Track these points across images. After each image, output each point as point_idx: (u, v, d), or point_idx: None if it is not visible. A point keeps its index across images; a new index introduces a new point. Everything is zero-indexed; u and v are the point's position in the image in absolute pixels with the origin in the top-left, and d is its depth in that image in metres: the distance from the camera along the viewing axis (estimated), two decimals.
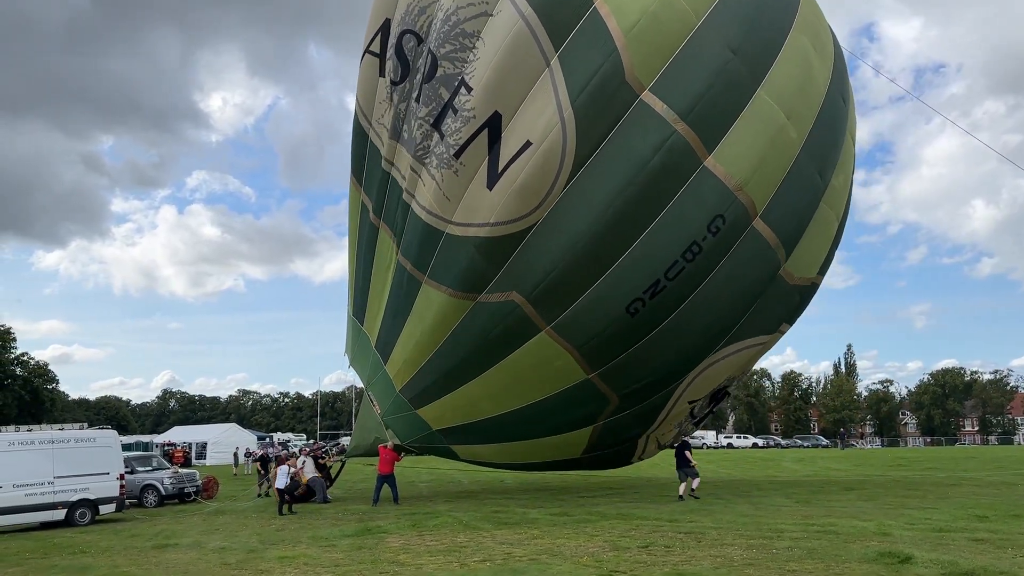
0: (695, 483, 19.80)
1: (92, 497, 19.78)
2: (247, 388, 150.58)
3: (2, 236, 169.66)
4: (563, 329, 16.54)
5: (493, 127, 16.04)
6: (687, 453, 20.16)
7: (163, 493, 24.75)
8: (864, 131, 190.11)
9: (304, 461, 22.91)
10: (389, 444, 20.92)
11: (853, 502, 18.63)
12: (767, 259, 16.74)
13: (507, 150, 15.94)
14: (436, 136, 17.05)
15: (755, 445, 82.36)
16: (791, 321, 19.43)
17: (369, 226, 20.38)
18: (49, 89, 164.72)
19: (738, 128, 15.58)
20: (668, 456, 21.86)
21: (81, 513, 19.55)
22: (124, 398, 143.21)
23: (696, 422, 20.98)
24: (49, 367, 72.13)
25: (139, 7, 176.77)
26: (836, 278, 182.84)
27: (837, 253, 20.20)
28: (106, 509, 20.15)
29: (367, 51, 19.77)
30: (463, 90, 16.41)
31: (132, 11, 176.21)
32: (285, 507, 19.64)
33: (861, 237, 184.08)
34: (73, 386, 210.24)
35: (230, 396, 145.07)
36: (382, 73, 19.28)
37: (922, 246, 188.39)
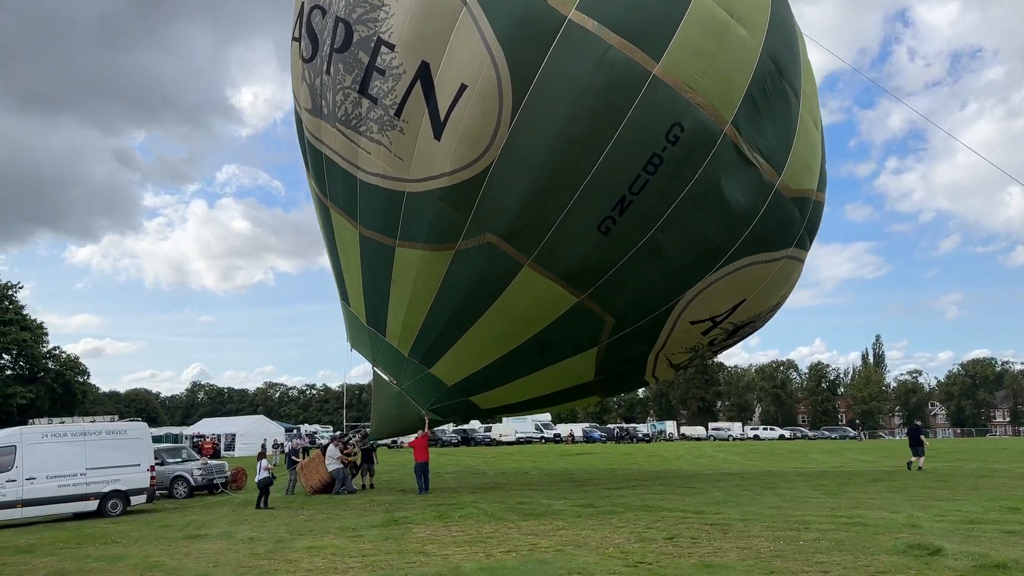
0: (921, 461, 25.57)
1: (123, 488, 20.09)
2: (275, 380, 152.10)
3: (36, 231, 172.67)
4: (543, 260, 16.62)
5: (424, 78, 15.94)
6: (921, 436, 27.10)
7: (193, 484, 25.01)
8: (897, 118, 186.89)
9: (331, 450, 23.09)
10: (420, 430, 21.24)
11: (881, 493, 18.47)
12: (750, 171, 16.25)
13: (443, 97, 15.84)
14: (367, 102, 16.87)
15: (782, 437, 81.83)
16: (797, 242, 18.63)
17: (323, 208, 20.45)
18: (83, 85, 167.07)
19: (683, 33, 15.14)
20: (694, 448, 21.89)
21: (113, 504, 19.87)
22: (154, 391, 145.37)
23: (716, 350, 20.81)
24: (80, 360, 73.24)
25: (172, 2, 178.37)
26: (866, 268, 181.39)
27: (866, 242, 19.87)
28: (137, 500, 20.45)
29: (293, 39, 19.72)
30: (384, 49, 16.29)
31: (165, 6, 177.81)
32: (261, 501, 19.62)
33: (892, 226, 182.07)
34: (105, 379, 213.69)
35: (258, 388, 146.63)
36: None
37: (955, 235, 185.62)
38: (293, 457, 25.49)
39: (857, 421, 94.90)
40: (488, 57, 15.29)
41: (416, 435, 21.56)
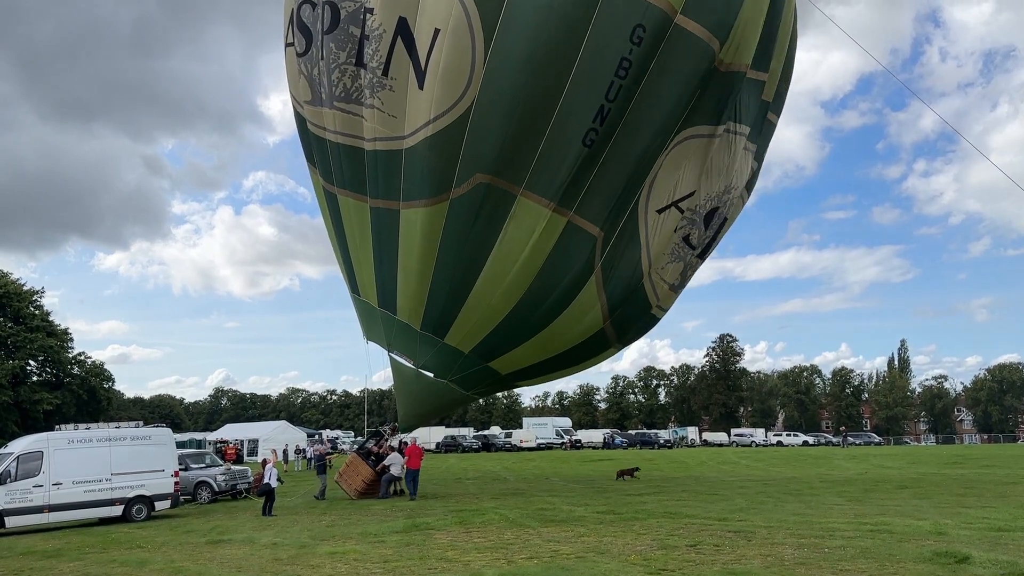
0: None
1: (148, 493, 20.27)
2: (299, 386, 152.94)
3: (68, 238, 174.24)
4: (534, 186, 17.11)
5: (404, 32, 16.70)
6: None
7: (216, 489, 25.23)
8: (928, 119, 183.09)
9: (394, 457, 23.03)
10: (415, 439, 21.50)
11: (908, 500, 18.28)
12: (701, 52, 16.76)
13: (422, 46, 16.58)
14: (362, 71, 17.54)
15: (805, 443, 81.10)
16: (741, 118, 18.95)
17: (329, 198, 20.73)
18: (117, 92, 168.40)
19: None
20: (716, 454, 21.59)
21: (138, 509, 20.05)
22: (178, 396, 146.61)
23: (700, 253, 20.81)
24: (105, 366, 73.90)
25: (204, 9, 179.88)
26: (893, 272, 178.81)
27: (893, 246, 19.64)
28: (161, 505, 20.64)
29: (287, 45, 20.31)
30: (368, 16, 17.06)
31: (198, 14, 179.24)
32: (266, 508, 19.65)
33: (920, 229, 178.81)
34: (131, 385, 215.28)
35: (280, 394, 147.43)
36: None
37: (985, 237, 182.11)
38: (328, 457, 25.55)
39: (842, 428, 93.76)
40: None
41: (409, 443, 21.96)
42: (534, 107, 16.39)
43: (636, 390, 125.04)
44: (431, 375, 21.18)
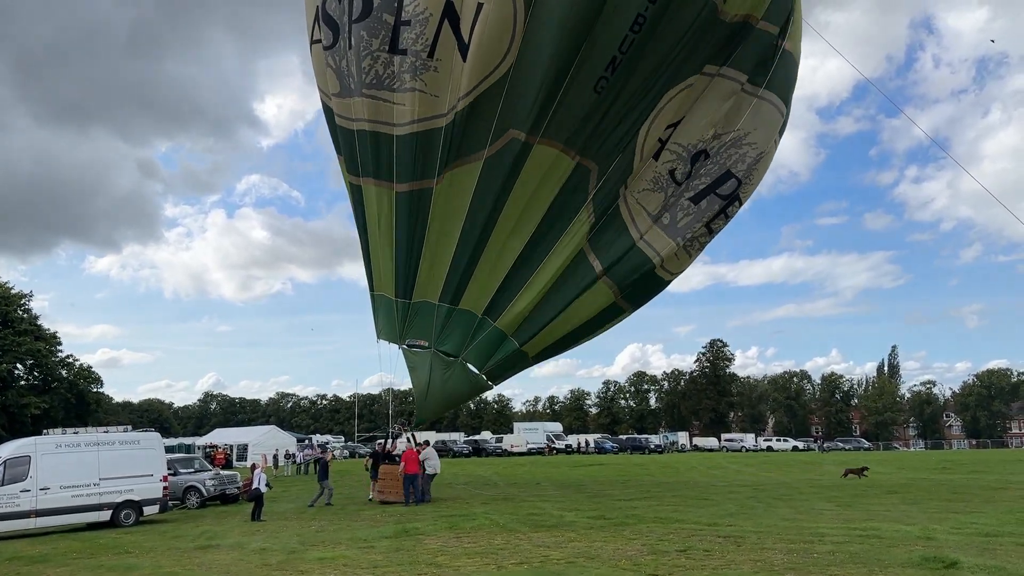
0: None
1: (136, 498, 20.18)
2: (289, 390, 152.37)
3: (60, 241, 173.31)
4: (550, 132, 18.07)
5: (450, 15, 17.40)
6: None
7: (205, 494, 25.12)
8: (923, 125, 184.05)
9: (429, 452, 22.84)
10: (414, 446, 21.55)
11: (896, 506, 18.36)
12: (704, 3, 17.50)
13: (466, 21, 17.28)
14: (398, 58, 18.04)
15: (795, 448, 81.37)
16: (731, 62, 19.07)
17: (353, 190, 20.98)
18: (113, 96, 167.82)
19: None
20: (707, 459, 21.56)
21: (126, 514, 19.95)
22: (167, 401, 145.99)
23: (692, 197, 20.52)
24: (93, 369, 73.42)
25: (200, 13, 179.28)
26: (885, 277, 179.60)
27: (885, 252, 19.86)
28: (150, 510, 20.53)
29: (312, 43, 20.55)
30: (405, 1, 17.51)
31: (194, 19, 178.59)
32: (256, 513, 19.62)
33: (912, 235, 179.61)
34: (120, 389, 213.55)
35: (270, 398, 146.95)
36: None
37: (976, 244, 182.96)
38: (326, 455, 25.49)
39: (819, 431, 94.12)
40: None
41: (406, 448, 22.03)
42: (563, 64, 17.19)
43: (627, 395, 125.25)
44: (445, 356, 21.18)
